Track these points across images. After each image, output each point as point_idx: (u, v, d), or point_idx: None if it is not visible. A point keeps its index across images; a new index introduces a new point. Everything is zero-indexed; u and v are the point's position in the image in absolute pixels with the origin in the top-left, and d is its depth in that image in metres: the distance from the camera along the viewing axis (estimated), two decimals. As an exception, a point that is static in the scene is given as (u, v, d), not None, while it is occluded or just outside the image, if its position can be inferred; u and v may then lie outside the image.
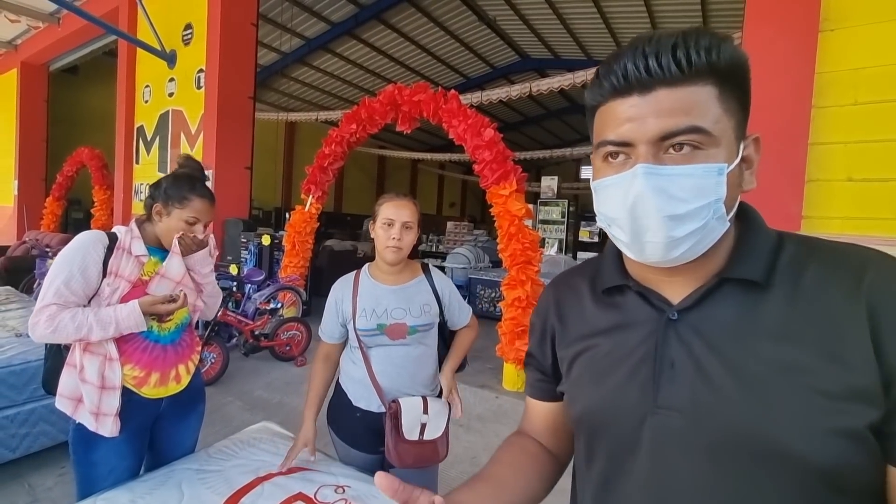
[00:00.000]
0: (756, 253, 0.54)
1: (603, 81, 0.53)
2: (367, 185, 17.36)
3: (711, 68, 0.48)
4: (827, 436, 0.45)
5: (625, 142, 0.51)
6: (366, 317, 1.36)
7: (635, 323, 0.59)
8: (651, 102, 0.49)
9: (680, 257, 0.52)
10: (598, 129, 0.55)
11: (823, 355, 0.47)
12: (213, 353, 3.64)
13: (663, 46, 0.48)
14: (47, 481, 2.24)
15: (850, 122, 2.30)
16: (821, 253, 0.53)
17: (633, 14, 8.47)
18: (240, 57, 5.81)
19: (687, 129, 0.48)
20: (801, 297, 0.50)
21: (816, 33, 2.36)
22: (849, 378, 0.46)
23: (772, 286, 0.52)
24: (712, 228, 0.51)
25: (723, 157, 0.49)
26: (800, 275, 0.52)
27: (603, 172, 0.55)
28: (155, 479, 1.30)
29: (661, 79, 0.48)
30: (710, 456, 0.51)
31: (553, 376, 0.71)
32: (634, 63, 0.49)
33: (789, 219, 2.39)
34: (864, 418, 0.45)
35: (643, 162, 0.50)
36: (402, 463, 1.31)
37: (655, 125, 0.49)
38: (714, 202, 0.49)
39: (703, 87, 0.48)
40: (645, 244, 0.52)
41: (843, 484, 0.47)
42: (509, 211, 3.54)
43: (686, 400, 0.52)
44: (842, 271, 0.50)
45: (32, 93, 9.19)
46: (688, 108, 0.48)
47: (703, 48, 0.47)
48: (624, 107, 0.51)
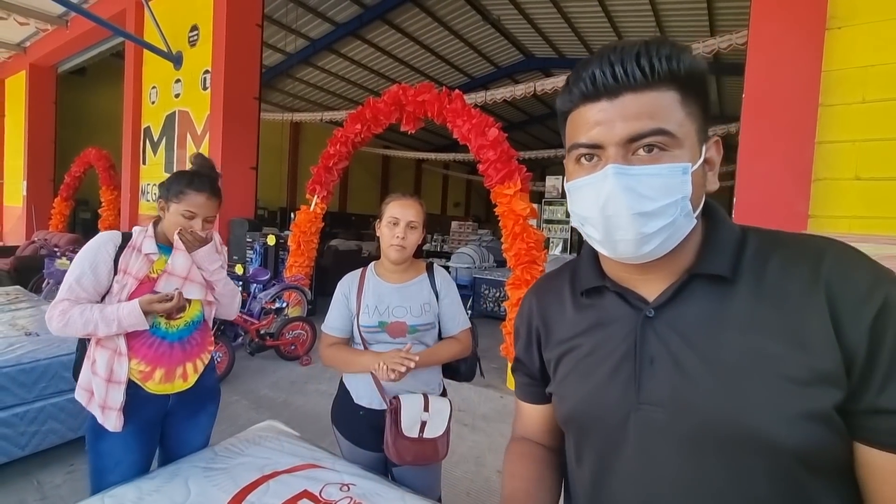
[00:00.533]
0: (722, 248, 0.56)
1: (573, 88, 0.55)
2: (371, 185, 17.40)
3: (672, 75, 0.51)
4: (797, 419, 0.48)
5: (595, 144, 0.54)
6: (368, 313, 1.38)
7: (614, 322, 0.61)
8: (618, 107, 0.52)
9: (650, 253, 0.55)
10: (570, 133, 0.58)
11: (789, 342, 0.50)
12: (219, 352, 3.66)
13: (627, 55, 0.51)
14: (56, 479, 2.26)
15: (858, 120, 2.28)
16: (782, 245, 0.56)
17: (638, 13, 8.42)
18: (245, 58, 5.84)
19: (652, 131, 0.51)
20: (765, 288, 0.53)
21: (823, 31, 2.34)
22: (813, 362, 0.48)
23: (738, 279, 0.55)
24: (680, 225, 0.54)
25: (687, 157, 0.52)
26: (763, 267, 0.55)
27: (576, 174, 0.58)
28: (162, 477, 1.31)
29: (627, 85, 0.51)
30: (693, 447, 0.53)
31: (541, 380, 0.73)
32: (602, 70, 0.52)
33: (796, 218, 2.37)
34: (830, 400, 0.48)
35: (613, 162, 0.53)
36: (401, 460, 1.32)
37: (623, 128, 0.52)
38: (681, 199, 0.52)
39: (666, 92, 0.52)
40: (617, 241, 0.55)
41: (817, 464, 0.49)
42: (514, 210, 3.53)
43: (666, 395, 0.55)
44: (802, 261, 0.53)
45: (41, 94, 9.28)
46: (653, 111, 0.51)
47: (664, 56, 0.51)
48: (593, 111, 0.54)
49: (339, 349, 1.42)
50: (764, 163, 2.50)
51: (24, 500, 2.12)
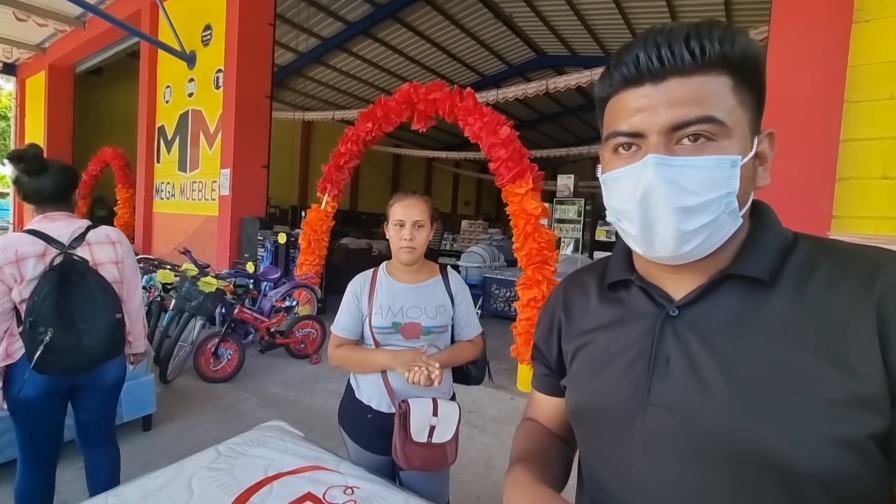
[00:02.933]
0: (764, 250, 0.52)
1: (614, 72, 0.52)
2: (382, 184, 17.44)
3: (725, 59, 0.47)
4: (823, 443, 0.43)
5: (636, 132, 0.50)
6: (381, 314, 1.35)
7: (635, 318, 0.59)
8: (663, 92, 0.48)
9: (690, 253, 0.51)
10: (609, 120, 0.54)
11: (825, 359, 0.45)
12: (229, 349, 3.68)
13: (675, 36, 0.47)
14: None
15: (886, 117, 2.19)
16: (834, 254, 0.51)
17: (653, 9, 8.29)
18: (257, 57, 5.87)
19: (699, 118, 0.47)
20: (806, 298, 0.49)
21: (850, 24, 2.25)
22: (852, 384, 0.44)
23: (778, 285, 0.50)
24: (723, 223, 0.49)
25: (736, 149, 0.48)
26: (809, 275, 0.50)
27: (612, 165, 0.54)
28: (165, 476, 1.30)
29: (674, 68, 0.47)
30: (699, 457, 0.50)
31: (557, 371, 0.71)
32: (647, 53, 0.48)
33: (819, 218, 2.29)
34: (866, 427, 0.43)
35: (654, 152, 0.48)
36: (409, 464, 1.30)
37: (667, 115, 0.48)
38: (726, 195, 0.48)
39: (717, 77, 0.47)
40: (655, 237, 0.51)
41: (839, 494, 0.45)
42: (525, 210, 3.48)
43: (677, 398, 0.52)
44: (852, 273, 0.48)
45: (60, 94, 9.49)
46: (700, 97, 0.47)
47: (717, 38, 0.46)
48: (635, 97, 0.50)
49: (349, 349, 1.40)
50: (786, 161, 2.40)
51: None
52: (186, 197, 6.70)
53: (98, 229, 1.71)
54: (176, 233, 6.80)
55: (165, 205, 7.13)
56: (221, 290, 3.72)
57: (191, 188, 6.62)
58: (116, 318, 1.65)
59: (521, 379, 3.73)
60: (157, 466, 1.43)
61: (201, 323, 3.72)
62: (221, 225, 5.96)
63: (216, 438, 1.57)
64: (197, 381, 3.54)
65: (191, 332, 3.66)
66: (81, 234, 1.64)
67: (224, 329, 3.72)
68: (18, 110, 10.62)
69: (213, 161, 6.14)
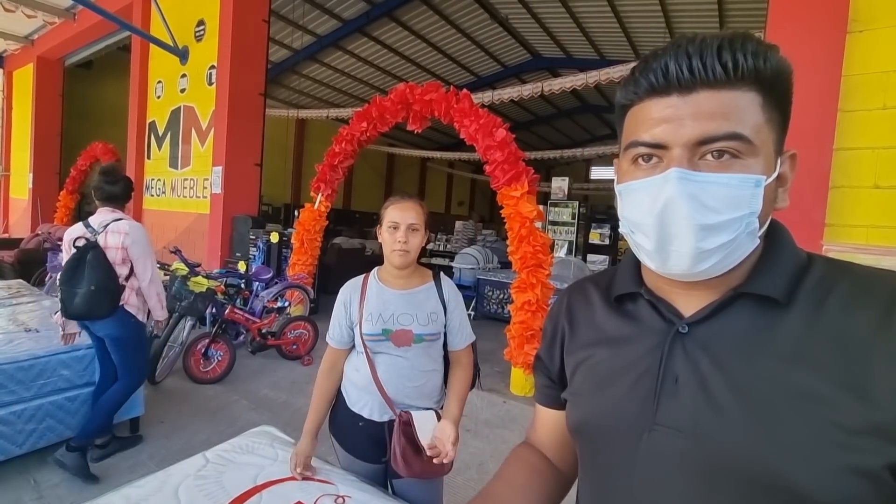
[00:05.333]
0: (779, 270, 0.51)
1: (640, 79, 0.50)
2: (376, 183, 17.36)
3: (757, 74, 0.45)
4: (838, 472, 0.42)
5: (659, 143, 0.48)
6: (371, 321, 1.33)
7: (643, 333, 0.57)
8: (691, 104, 0.46)
9: (706, 272, 0.49)
10: (630, 128, 0.52)
11: (842, 384, 0.44)
12: (219, 350, 3.64)
13: (708, 47, 0.45)
14: (53, 478, 2.23)
15: (879, 126, 2.21)
16: (851, 276, 0.50)
17: (648, 13, 8.33)
18: (251, 53, 5.81)
19: (727, 135, 0.45)
20: (822, 321, 0.47)
21: (844, 34, 2.27)
22: (870, 412, 0.42)
23: (792, 306, 0.49)
24: (741, 243, 0.48)
25: (760, 168, 0.47)
26: (825, 297, 0.48)
27: (630, 175, 0.52)
28: (152, 485, 1.27)
29: (704, 80, 0.46)
30: (708, 480, 0.48)
31: (559, 382, 0.69)
32: (677, 62, 0.46)
33: (812, 226, 2.30)
34: (884, 457, 0.42)
35: (677, 166, 0.47)
36: (409, 472, 1.27)
37: (694, 128, 0.46)
38: (748, 215, 0.47)
39: (747, 93, 0.46)
40: (670, 254, 0.49)
41: None
42: (520, 213, 3.48)
43: (686, 419, 0.50)
44: (872, 296, 0.47)
45: (48, 87, 9.32)
46: (729, 112, 0.45)
47: (750, 52, 0.45)
48: (660, 107, 0.48)
49: (319, 387, 1.42)
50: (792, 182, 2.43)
51: (21, 498, 2.10)
52: (177, 194, 6.61)
53: (119, 222, 2.27)
54: (166, 230, 6.71)
55: (156, 202, 7.04)
56: (212, 290, 3.67)
57: (182, 185, 6.54)
58: (91, 289, 2.12)
59: (515, 382, 3.72)
60: (145, 470, 1.41)
61: (191, 323, 3.66)
62: (213, 223, 5.89)
63: (205, 441, 1.55)
64: (186, 382, 3.49)
65: (180, 333, 3.60)
66: (106, 225, 2.25)
67: (214, 330, 3.67)
68: (5, 102, 10.43)
69: (205, 158, 6.06)
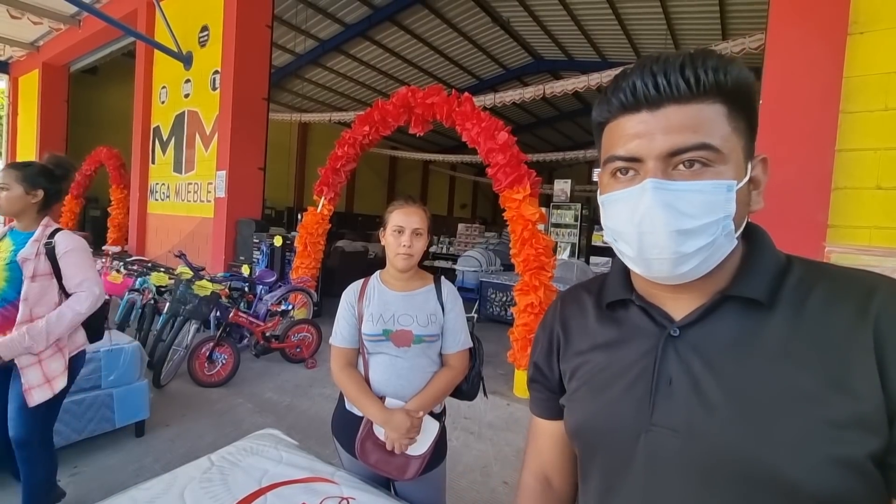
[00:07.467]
0: (761, 273, 0.54)
1: (612, 98, 0.53)
2: (378, 186, 17.42)
3: (719, 87, 0.49)
4: (825, 464, 0.45)
5: (634, 157, 0.52)
6: (372, 321, 1.35)
7: (636, 338, 0.59)
8: (660, 119, 0.50)
9: (687, 274, 0.52)
10: (607, 144, 0.56)
11: (825, 380, 0.47)
12: (224, 353, 3.65)
13: (671, 65, 0.49)
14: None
15: (881, 128, 2.21)
16: (829, 277, 0.53)
17: (650, 16, 8.34)
18: (254, 58, 5.85)
19: (696, 145, 0.49)
20: (804, 320, 0.50)
21: (845, 36, 2.27)
22: (852, 405, 0.45)
23: (775, 307, 0.52)
24: (720, 245, 0.51)
25: (731, 174, 0.50)
26: (805, 297, 0.51)
27: (611, 187, 0.56)
28: (158, 487, 1.28)
29: (670, 96, 0.49)
30: (703, 477, 0.51)
31: (559, 391, 0.70)
32: (643, 80, 0.50)
33: (815, 227, 2.30)
34: (865, 447, 0.44)
35: (652, 177, 0.50)
36: (363, 458, 1.31)
37: (664, 141, 0.50)
38: (723, 219, 0.50)
39: (712, 105, 0.49)
40: (652, 260, 0.52)
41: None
42: (523, 215, 3.48)
43: (681, 419, 0.52)
44: (849, 296, 0.50)
45: (53, 93, 9.41)
46: (696, 125, 0.49)
47: (711, 68, 0.48)
48: (632, 122, 0.52)
49: (350, 377, 1.36)
50: (782, 171, 2.43)
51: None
52: (181, 198, 6.65)
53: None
54: (170, 234, 6.75)
55: (160, 206, 7.08)
56: (216, 294, 3.69)
57: (186, 189, 6.58)
58: None
59: (518, 385, 3.72)
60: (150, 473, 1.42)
61: (196, 327, 3.68)
62: (217, 227, 5.92)
63: (210, 444, 1.56)
64: (191, 385, 3.50)
65: (185, 336, 3.62)
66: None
67: (219, 333, 3.68)
68: (11, 109, 10.53)
69: (208, 163, 6.10)
